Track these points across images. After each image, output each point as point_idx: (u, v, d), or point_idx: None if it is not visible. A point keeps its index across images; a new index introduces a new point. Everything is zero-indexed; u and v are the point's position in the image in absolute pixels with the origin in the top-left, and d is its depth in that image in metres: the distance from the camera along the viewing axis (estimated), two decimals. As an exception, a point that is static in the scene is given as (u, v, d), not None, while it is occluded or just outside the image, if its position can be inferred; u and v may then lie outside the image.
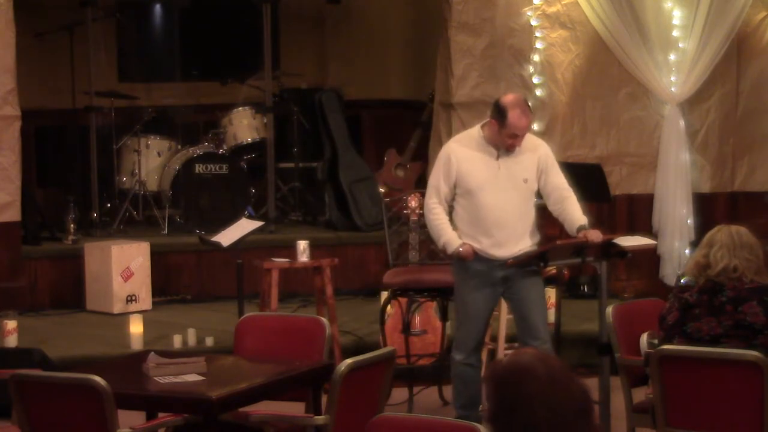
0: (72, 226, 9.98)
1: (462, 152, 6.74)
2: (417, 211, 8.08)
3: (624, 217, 9.97)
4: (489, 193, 6.68)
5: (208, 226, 9.78)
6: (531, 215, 6.82)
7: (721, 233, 5.71)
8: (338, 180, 10.55)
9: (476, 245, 6.70)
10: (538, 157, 6.79)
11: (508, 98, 6.71)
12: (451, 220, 6.81)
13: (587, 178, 8.69)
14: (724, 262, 5.60)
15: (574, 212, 6.78)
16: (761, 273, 5.63)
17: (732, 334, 5.55)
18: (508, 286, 6.77)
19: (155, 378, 5.52)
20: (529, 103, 6.95)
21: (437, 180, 6.77)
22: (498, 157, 6.71)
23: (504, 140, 6.64)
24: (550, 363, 3.14)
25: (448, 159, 6.74)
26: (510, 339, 8.12)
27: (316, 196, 11.07)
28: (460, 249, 6.68)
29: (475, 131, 6.81)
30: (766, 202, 10.07)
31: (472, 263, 6.71)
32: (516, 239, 6.74)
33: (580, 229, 6.68)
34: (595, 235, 6.58)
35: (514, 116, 6.58)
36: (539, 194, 6.87)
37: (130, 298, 9.46)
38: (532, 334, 6.75)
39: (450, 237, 6.72)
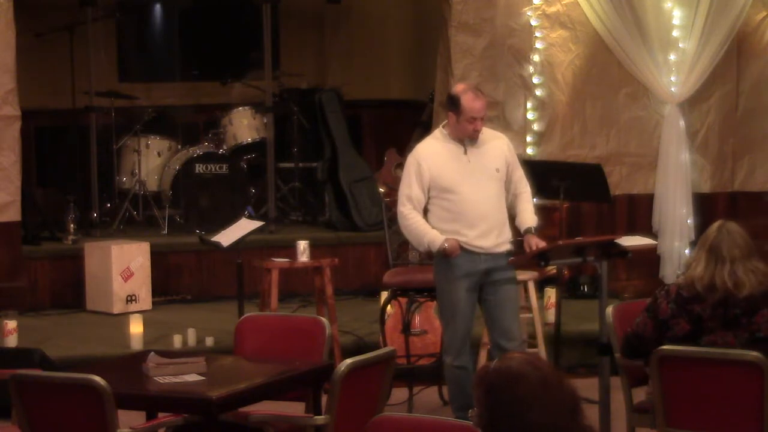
0: (72, 226, 9.99)
1: (429, 155, 6.80)
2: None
3: (624, 217, 9.97)
4: (465, 186, 6.74)
5: (208, 226, 9.79)
6: (504, 205, 6.90)
7: (732, 247, 5.58)
8: (338, 180, 10.55)
9: (461, 238, 6.73)
10: (503, 147, 6.90)
11: (458, 87, 6.88)
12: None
13: (587, 178, 8.70)
14: (748, 283, 5.52)
15: (526, 211, 6.93)
16: (764, 282, 5.57)
17: (748, 349, 5.49)
18: (485, 287, 6.79)
19: (155, 378, 5.52)
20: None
21: (408, 188, 6.78)
22: (466, 151, 6.76)
23: (465, 128, 6.71)
24: (540, 366, 3.14)
25: (417, 165, 6.78)
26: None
27: (316, 196, 11.07)
28: (446, 244, 6.70)
29: (437, 132, 6.91)
30: (766, 202, 10.07)
31: (457, 259, 6.73)
32: (498, 229, 6.80)
33: (527, 232, 6.84)
34: (536, 243, 6.72)
35: (467, 99, 6.67)
36: None
37: (130, 298, 9.46)
38: (507, 336, 6.80)
39: (433, 235, 6.74)
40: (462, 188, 6.73)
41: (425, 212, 6.83)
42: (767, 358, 5.36)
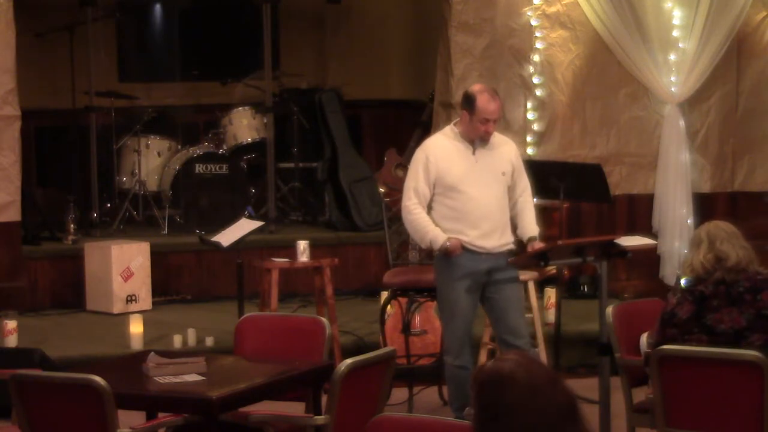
0: (72, 226, 9.99)
1: (438, 150, 6.81)
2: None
3: (624, 217, 9.97)
4: (471, 186, 6.75)
5: (208, 226, 9.79)
6: (508, 208, 6.90)
7: (711, 230, 5.73)
8: (338, 180, 10.55)
9: (463, 238, 6.74)
10: (511, 153, 6.92)
11: (475, 86, 6.88)
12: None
13: (587, 178, 8.70)
14: (735, 254, 5.62)
15: (530, 222, 6.94)
16: (755, 261, 5.68)
17: (755, 326, 5.54)
18: (487, 286, 6.79)
19: (155, 378, 5.52)
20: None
21: (415, 182, 6.80)
22: (474, 152, 6.77)
23: (477, 128, 6.72)
24: (532, 369, 3.06)
25: (425, 159, 6.79)
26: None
27: (316, 196, 11.07)
28: (448, 243, 6.71)
29: (448, 129, 6.92)
30: (766, 202, 10.07)
31: (458, 258, 6.73)
32: (500, 231, 6.82)
33: (530, 240, 6.86)
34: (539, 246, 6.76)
35: (482, 100, 6.68)
36: None
37: (130, 298, 9.46)
38: (515, 333, 6.80)
39: (435, 233, 6.75)
40: (467, 188, 6.74)
41: (428, 209, 6.83)
42: (767, 358, 5.37)
